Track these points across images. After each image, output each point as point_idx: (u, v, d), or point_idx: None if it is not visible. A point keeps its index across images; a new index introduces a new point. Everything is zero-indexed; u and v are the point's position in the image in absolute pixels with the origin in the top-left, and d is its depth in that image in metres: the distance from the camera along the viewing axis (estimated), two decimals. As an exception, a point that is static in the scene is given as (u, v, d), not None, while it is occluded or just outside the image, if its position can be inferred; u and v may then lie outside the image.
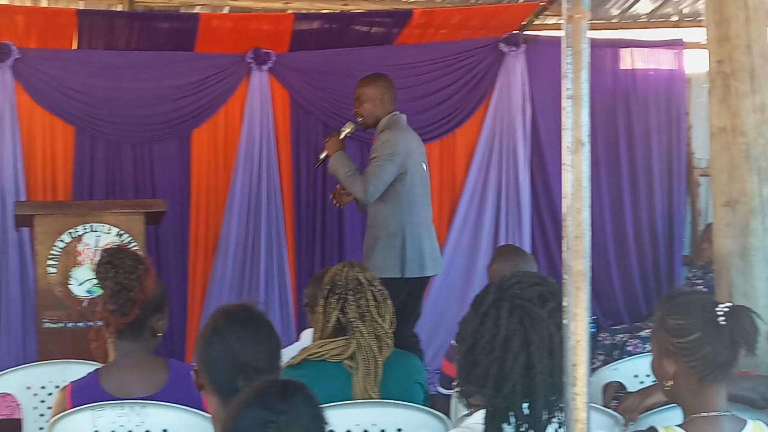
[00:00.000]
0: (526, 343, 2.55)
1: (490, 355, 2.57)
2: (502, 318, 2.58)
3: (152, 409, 3.55)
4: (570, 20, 2.17)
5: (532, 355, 2.54)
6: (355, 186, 6.51)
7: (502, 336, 2.56)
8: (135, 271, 3.67)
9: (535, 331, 2.55)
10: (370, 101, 6.73)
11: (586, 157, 2.16)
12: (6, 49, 7.65)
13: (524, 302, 2.59)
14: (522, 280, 2.67)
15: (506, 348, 2.55)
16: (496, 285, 2.69)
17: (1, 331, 7.77)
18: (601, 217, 8.62)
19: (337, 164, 6.63)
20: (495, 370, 2.56)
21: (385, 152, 6.54)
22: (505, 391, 2.55)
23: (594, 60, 8.81)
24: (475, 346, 2.61)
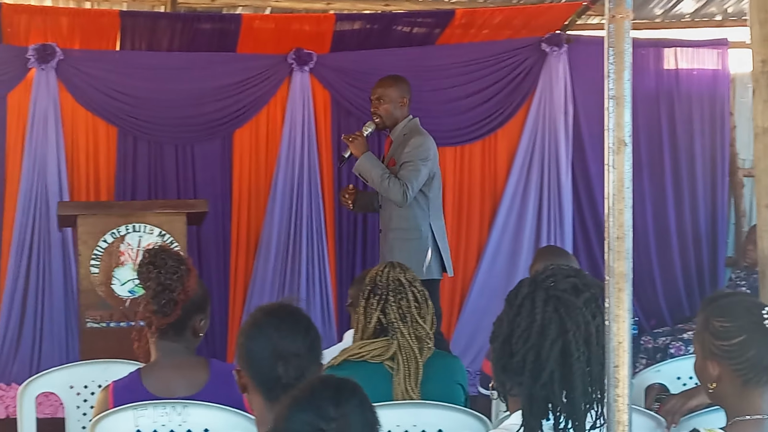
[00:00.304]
0: (562, 331, 2.54)
1: (526, 344, 2.56)
2: (537, 307, 2.57)
3: (194, 409, 3.56)
4: (612, 20, 2.16)
5: (569, 343, 2.53)
6: (393, 189, 6.54)
7: (538, 324, 2.56)
8: (177, 272, 3.68)
9: (571, 319, 2.54)
10: (391, 102, 6.82)
11: (628, 157, 2.15)
12: (50, 50, 7.71)
13: (558, 292, 2.59)
14: (555, 273, 2.66)
15: (543, 336, 2.54)
16: (530, 279, 2.68)
17: (45, 330, 7.82)
18: (643, 218, 8.58)
19: (369, 166, 6.64)
20: (532, 359, 2.55)
21: (420, 156, 6.63)
22: (542, 380, 2.53)
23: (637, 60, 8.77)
24: (511, 335, 2.61)
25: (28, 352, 7.78)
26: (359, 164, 6.68)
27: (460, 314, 8.47)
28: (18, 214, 7.73)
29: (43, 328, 7.82)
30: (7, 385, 7.65)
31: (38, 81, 7.76)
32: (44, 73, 7.75)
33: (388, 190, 6.57)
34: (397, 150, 6.75)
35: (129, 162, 8.06)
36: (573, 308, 2.55)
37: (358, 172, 6.73)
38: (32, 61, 7.70)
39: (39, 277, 7.78)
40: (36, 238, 7.75)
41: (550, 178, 8.48)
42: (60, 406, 4.95)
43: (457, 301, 8.53)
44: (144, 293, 3.72)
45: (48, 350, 7.81)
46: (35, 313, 7.79)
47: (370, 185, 6.74)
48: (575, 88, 8.53)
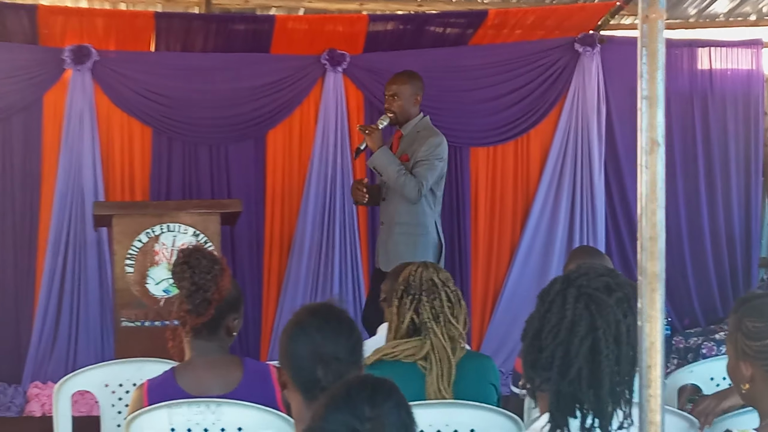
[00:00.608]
0: (592, 328, 2.53)
1: (555, 339, 2.55)
2: (568, 303, 2.56)
3: (227, 408, 3.58)
4: (646, 20, 2.16)
5: (599, 341, 2.52)
6: (409, 185, 6.64)
7: (568, 320, 2.55)
8: (211, 272, 3.70)
9: (602, 317, 2.53)
10: (406, 99, 6.88)
11: (661, 157, 2.15)
12: (86, 52, 7.76)
13: (590, 290, 2.57)
14: (588, 271, 2.65)
15: (572, 332, 2.53)
16: (563, 277, 2.67)
17: (80, 329, 7.87)
18: (677, 218, 8.55)
19: (386, 161, 6.70)
20: (560, 354, 2.54)
21: (437, 156, 6.76)
22: (570, 376, 2.53)
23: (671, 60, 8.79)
24: (541, 331, 2.60)
25: (64, 350, 7.83)
26: (376, 158, 6.72)
27: (493, 314, 8.46)
28: (54, 214, 7.79)
29: (79, 326, 7.87)
30: (43, 383, 7.71)
31: (74, 82, 7.82)
32: (80, 74, 7.81)
33: (403, 185, 6.65)
34: (411, 146, 6.82)
35: (164, 162, 8.11)
36: (604, 306, 2.54)
37: (374, 165, 6.78)
38: (68, 62, 7.76)
39: (75, 276, 7.83)
40: (72, 237, 7.80)
41: (583, 179, 8.47)
42: (95, 405, 4.98)
43: (490, 301, 8.53)
44: (178, 293, 3.74)
45: (83, 349, 7.86)
46: (71, 312, 7.84)
47: (384, 179, 6.78)
48: (608, 89, 8.51)
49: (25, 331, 7.88)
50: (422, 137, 6.83)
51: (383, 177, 6.75)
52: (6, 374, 7.81)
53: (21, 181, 7.89)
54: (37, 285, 7.85)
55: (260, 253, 8.26)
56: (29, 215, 7.91)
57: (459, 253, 8.43)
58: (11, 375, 7.80)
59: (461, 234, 8.44)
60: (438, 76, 8.34)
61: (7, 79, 7.75)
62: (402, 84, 6.89)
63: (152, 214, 6.49)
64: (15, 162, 7.88)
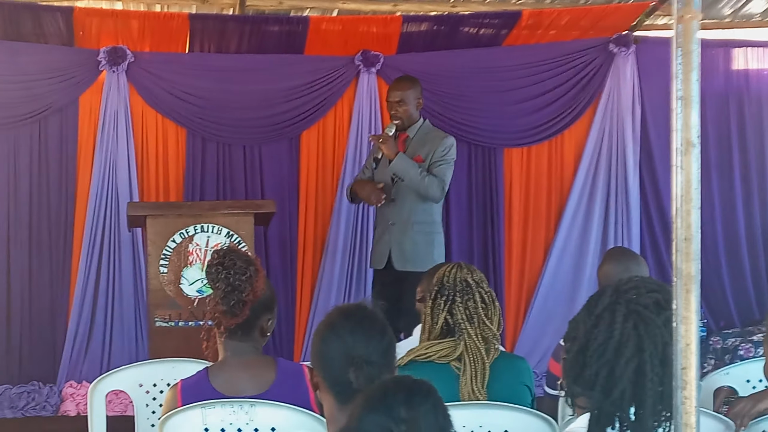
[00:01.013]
0: (638, 350, 2.50)
1: (601, 359, 2.53)
2: (616, 322, 2.54)
3: (261, 408, 3.58)
4: (680, 20, 2.14)
5: (644, 363, 2.50)
6: (431, 186, 6.81)
7: (615, 340, 2.52)
8: (245, 273, 3.70)
9: (649, 339, 2.51)
10: (411, 104, 7.04)
11: (696, 158, 2.13)
12: (121, 53, 7.80)
13: (640, 308, 2.54)
14: (639, 285, 2.62)
15: (618, 353, 2.51)
16: (613, 288, 2.64)
17: (115, 329, 7.91)
18: (712, 219, 8.49)
19: (406, 165, 6.81)
20: (605, 374, 2.52)
21: (452, 156, 6.98)
22: (613, 397, 2.51)
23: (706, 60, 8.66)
24: (587, 348, 2.57)
25: (99, 350, 7.88)
26: (396, 165, 6.80)
27: (527, 315, 8.44)
28: (89, 215, 7.82)
29: (113, 326, 7.91)
30: (78, 383, 7.75)
31: (109, 83, 7.86)
32: (115, 75, 7.85)
33: (428, 186, 6.81)
34: (422, 147, 6.97)
35: (198, 163, 8.13)
36: (652, 327, 2.52)
37: (394, 171, 6.82)
38: (103, 63, 7.80)
39: (109, 276, 7.87)
40: (106, 238, 7.84)
41: (618, 179, 8.43)
42: (129, 404, 5.01)
43: (524, 302, 8.50)
44: (213, 293, 3.75)
45: (118, 349, 7.90)
46: (105, 312, 7.88)
47: (407, 182, 6.83)
48: (643, 89, 8.47)
49: (60, 331, 7.92)
50: (434, 138, 7.02)
51: (405, 181, 6.80)
52: (41, 374, 7.86)
53: (57, 181, 7.93)
54: (72, 285, 7.89)
55: (294, 253, 8.27)
56: (64, 216, 7.95)
57: (493, 253, 8.41)
58: (46, 375, 7.85)
59: (495, 235, 8.42)
60: (472, 77, 8.34)
61: (44, 81, 7.80)
62: (407, 89, 7.01)
63: (186, 215, 6.51)
64: (51, 162, 7.93)
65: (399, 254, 6.95)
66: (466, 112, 8.35)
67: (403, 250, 6.96)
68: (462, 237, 8.39)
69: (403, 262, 6.93)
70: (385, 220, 7.04)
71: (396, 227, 6.98)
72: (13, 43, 7.70)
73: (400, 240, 6.97)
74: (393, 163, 6.78)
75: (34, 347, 7.92)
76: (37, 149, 7.90)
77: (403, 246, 6.96)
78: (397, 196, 6.97)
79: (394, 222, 6.98)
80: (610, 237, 8.42)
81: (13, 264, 7.88)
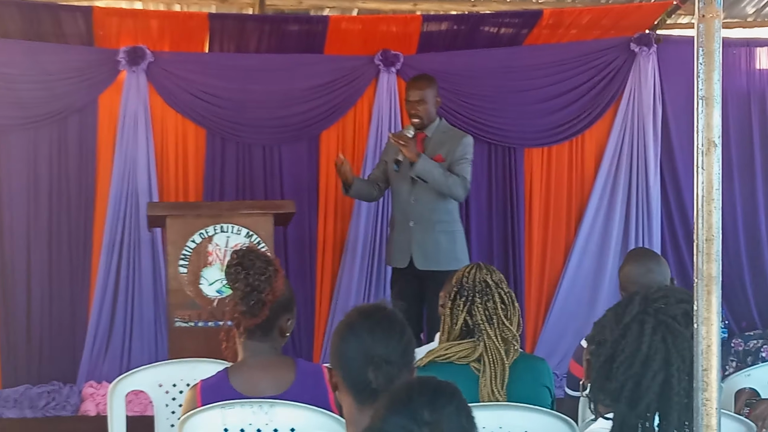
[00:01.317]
0: (666, 363, 2.48)
1: (628, 371, 2.51)
2: (645, 334, 2.51)
3: (280, 408, 3.57)
4: (702, 20, 2.13)
5: (671, 376, 2.47)
6: (456, 185, 6.81)
7: (643, 353, 2.50)
8: (265, 273, 3.70)
9: (677, 352, 2.48)
10: (430, 102, 7.05)
11: (717, 159, 2.12)
12: (140, 53, 7.81)
13: (669, 319, 2.52)
14: (669, 294, 2.59)
15: (646, 366, 2.49)
16: (642, 296, 2.61)
17: (135, 329, 7.92)
18: (734, 220, 8.45)
19: (429, 166, 6.78)
20: (631, 387, 2.50)
21: (471, 155, 6.97)
22: (638, 410, 2.49)
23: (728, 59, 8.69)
24: (613, 358, 2.55)
25: (118, 350, 7.89)
26: (419, 167, 6.76)
27: (547, 316, 8.42)
28: (108, 215, 7.84)
29: (133, 326, 7.93)
30: (98, 383, 7.77)
31: (129, 83, 7.88)
32: (134, 75, 7.86)
33: (453, 186, 6.80)
34: (442, 146, 6.96)
35: (217, 163, 8.14)
36: (681, 339, 2.49)
37: (418, 174, 6.79)
38: (123, 63, 7.81)
39: (129, 276, 7.89)
40: (126, 238, 7.86)
41: (638, 180, 8.40)
42: (149, 404, 5.01)
43: (544, 303, 8.49)
44: (232, 294, 3.75)
45: (137, 349, 7.91)
46: (125, 311, 7.90)
47: (431, 184, 6.80)
48: (664, 89, 8.43)
49: (80, 331, 7.94)
50: (453, 137, 7.02)
51: (429, 182, 6.78)
52: (61, 374, 7.88)
53: (76, 181, 7.95)
54: (92, 285, 7.91)
55: (313, 254, 8.27)
56: (84, 216, 7.97)
57: (513, 254, 8.40)
58: (67, 374, 7.87)
59: (515, 235, 8.40)
60: (492, 77, 8.33)
61: (63, 81, 7.82)
62: (426, 88, 7.00)
63: (206, 215, 6.52)
64: (70, 162, 7.95)
65: (421, 254, 6.95)
66: (487, 112, 8.33)
67: (425, 250, 6.96)
68: (482, 237, 8.38)
69: (425, 262, 6.93)
70: (405, 219, 7.02)
71: (418, 227, 6.97)
72: (33, 43, 7.73)
73: (422, 240, 6.96)
74: (416, 165, 6.75)
75: (54, 347, 7.95)
76: (56, 149, 7.92)
77: (425, 246, 6.96)
78: (417, 196, 6.95)
79: (416, 222, 6.97)
80: (630, 238, 8.39)
81: (33, 264, 7.90)
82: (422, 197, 6.94)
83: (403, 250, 7.02)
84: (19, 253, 7.89)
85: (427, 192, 6.90)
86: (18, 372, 7.87)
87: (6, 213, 7.86)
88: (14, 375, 7.86)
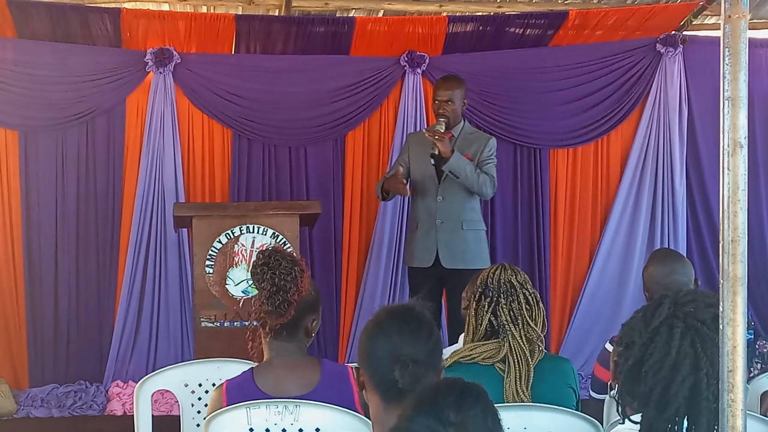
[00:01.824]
0: (695, 368, 2.47)
1: (656, 375, 2.50)
2: (674, 339, 2.50)
3: (305, 408, 3.58)
4: (728, 20, 2.13)
5: (700, 381, 2.47)
6: (486, 183, 6.87)
7: (672, 358, 2.49)
8: (291, 273, 3.71)
9: (706, 357, 2.47)
10: (458, 103, 7.08)
11: (743, 159, 2.12)
12: (167, 54, 7.84)
13: (698, 324, 2.51)
14: (697, 298, 2.58)
15: (675, 371, 2.48)
16: (671, 299, 2.60)
17: (161, 329, 7.96)
18: (760, 221, 8.41)
19: (463, 163, 6.82)
20: (659, 391, 2.49)
21: (495, 157, 7.03)
22: (667, 414, 2.48)
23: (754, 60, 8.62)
24: (642, 362, 2.54)
25: (145, 350, 7.92)
26: (454, 162, 6.78)
27: (572, 317, 8.41)
28: (135, 215, 7.87)
29: (159, 326, 7.96)
30: (124, 382, 7.80)
31: (156, 84, 7.91)
32: (162, 76, 7.89)
33: (483, 184, 6.86)
34: (470, 147, 7.00)
35: (243, 164, 8.15)
36: (710, 344, 2.47)
37: (451, 169, 6.80)
38: (150, 64, 7.85)
39: (155, 276, 7.92)
40: (153, 238, 7.89)
41: (664, 180, 8.38)
42: (175, 404, 5.04)
43: (569, 303, 8.48)
44: (258, 294, 3.76)
45: (164, 348, 7.94)
46: (151, 311, 7.94)
47: (462, 180, 6.82)
48: (690, 90, 8.41)
49: (107, 331, 7.98)
50: (478, 138, 7.09)
51: (460, 178, 6.78)
52: (88, 373, 7.91)
53: (104, 182, 7.98)
54: (119, 285, 7.95)
55: (338, 254, 8.27)
56: (111, 216, 8.00)
57: (538, 255, 8.39)
58: (93, 374, 7.91)
59: (541, 236, 8.39)
60: (518, 78, 8.32)
61: (92, 82, 7.86)
62: (455, 89, 7.03)
63: (232, 216, 6.54)
64: (98, 163, 7.98)
65: (448, 253, 6.96)
66: (512, 113, 8.32)
67: (453, 249, 6.97)
68: (507, 238, 8.37)
69: (453, 260, 6.95)
70: (430, 218, 7.02)
71: (445, 225, 6.98)
72: (61, 44, 7.77)
73: (450, 238, 6.97)
74: (451, 160, 6.76)
75: (81, 347, 7.98)
76: (84, 150, 7.96)
77: (453, 244, 6.98)
78: (444, 194, 6.97)
79: (443, 220, 6.98)
80: (656, 238, 8.37)
81: (60, 264, 7.94)
82: (449, 196, 6.96)
83: (429, 248, 7.01)
84: (46, 254, 7.93)
85: (453, 190, 6.93)
86: (45, 371, 7.91)
87: (34, 213, 7.89)
88: (42, 374, 7.91)
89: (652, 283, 4.73)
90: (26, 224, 7.88)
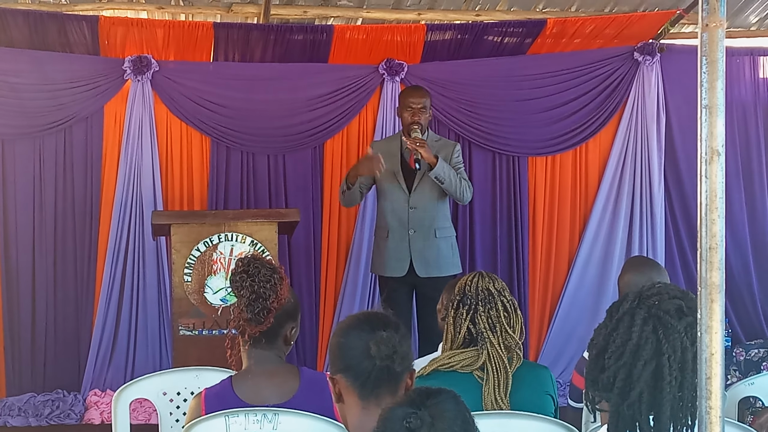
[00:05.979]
0: (657, 353, 2.48)
1: (618, 361, 2.51)
2: (635, 325, 2.52)
3: (284, 417, 3.58)
4: (706, 29, 2.14)
5: (662, 366, 2.47)
6: (465, 189, 6.97)
7: (633, 342, 2.50)
8: (270, 281, 3.71)
9: (668, 343, 2.48)
10: (429, 111, 7.14)
11: (721, 167, 2.13)
12: (146, 62, 7.83)
13: (661, 312, 2.52)
14: (662, 291, 2.60)
15: (636, 355, 2.49)
16: (635, 293, 2.62)
17: (139, 337, 7.93)
18: (743, 229, 8.39)
19: (447, 169, 6.88)
20: (622, 377, 2.50)
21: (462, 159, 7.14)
22: (630, 400, 2.49)
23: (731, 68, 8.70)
24: (605, 350, 2.56)
25: (123, 358, 7.90)
26: (439, 169, 6.84)
27: (551, 325, 8.43)
28: (113, 223, 7.85)
29: (137, 335, 7.94)
30: (102, 391, 7.77)
31: (134, 92, 7.90)
32: (140, 84, 7.88)
33: (464, 190, 6.95)
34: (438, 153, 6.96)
35: (222, 172, 8.14)
36: (672, 331, 2.49)
37: (436, 175, 6.83)
38: (128, 72, 7.84)
39: (133, 284, 7.90)
40: (131, 246, 7.87)
41: (642, 188, 8.41)
42: (153, 413, 5.03)
43: (548, 311, 8.49)
44: (237, 301, 3.76)
45: (142, 357, 7.92)
46: (130, 320, 7.92)
47: (446, 186, 6.87)
48: (668, 98, 8.44)
49: (85, 340, 7.95)
50: (445, 145, 7.18)
51: (444, 184, 6.82)
52: (66, 382, 7.89)
53: (81, 190, 7.96)
54: (97, 293, 7.92)
55: (317, 262, 8.27)
56: (89, 224, 7.98)
57: (517, 262, 8.40)
58: (71, 383, 7.88)
59: (519, 243, 8.40)
60: (496, 86, 8.34)
61: (69, 90, 7.84)
62: (427, 97, 7.13)
63: (210, 224, 6.54)
64: (76, 171, 7.95)
65: (422, 261, 6.97)
66: (491, 121, 8.34)
67: (426, 257, 6.99)
68: (486, 245, 8.37)
69: (427, 269, 6.97)
70: (402, 227, 7.03)
71: (418, 234, 6.99)
72: (39, 52, 7.74)
73: (423, 247, 6.99)
74: (437, 167, 6.81)
75: (58, 355, 7.95)
76: (62, 158, 7.93)
77: (425, 253, 7.00)
78: (416, 203, 6.98)
79: (416, 229, 6.99)
80: (634, 246, 8.39)
81: (38, 272, 7.91)
82: (421, 204, 6.99)
83: (401, 258, 7.02)
84: (24, 262, 7.90)
85: (425, 199, 6.97)
86: (23, 380, 7.88)
87: (11, 221, 7.86)
88: (19, 383, 7.87)
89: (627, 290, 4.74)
90: (3, 232, 7.86)
